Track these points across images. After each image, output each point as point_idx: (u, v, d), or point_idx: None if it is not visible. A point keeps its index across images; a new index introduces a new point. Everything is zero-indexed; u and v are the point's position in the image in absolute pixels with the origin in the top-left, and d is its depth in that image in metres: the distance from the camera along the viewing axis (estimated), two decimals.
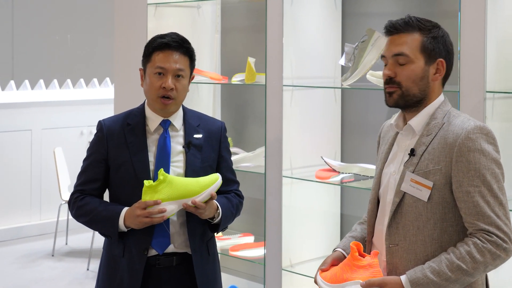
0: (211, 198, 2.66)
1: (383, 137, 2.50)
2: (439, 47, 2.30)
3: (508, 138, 3.10)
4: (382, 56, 2.36)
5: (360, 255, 2.28)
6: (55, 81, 7.52)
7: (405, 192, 2.27)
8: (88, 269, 5.83)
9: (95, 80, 7.87)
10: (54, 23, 9.16)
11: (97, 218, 2.71)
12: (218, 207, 2.72)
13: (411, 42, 2.28)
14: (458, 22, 3.00)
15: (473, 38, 2.97)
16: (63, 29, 9.25)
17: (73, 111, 7.18)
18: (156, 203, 2.59)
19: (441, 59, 2.30)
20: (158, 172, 2.61)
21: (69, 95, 7.39)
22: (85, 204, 2.74)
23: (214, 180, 2.67)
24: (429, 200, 2.22)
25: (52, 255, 6.26)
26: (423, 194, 2.23)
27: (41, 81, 7.42)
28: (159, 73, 2.71)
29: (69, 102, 7.21)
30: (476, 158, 2.18)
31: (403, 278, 2.18)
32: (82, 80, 7.76)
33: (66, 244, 6.58)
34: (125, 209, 2.67)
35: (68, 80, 7.64)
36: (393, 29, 2.31)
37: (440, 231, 2.23)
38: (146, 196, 2.60)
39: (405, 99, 2.30)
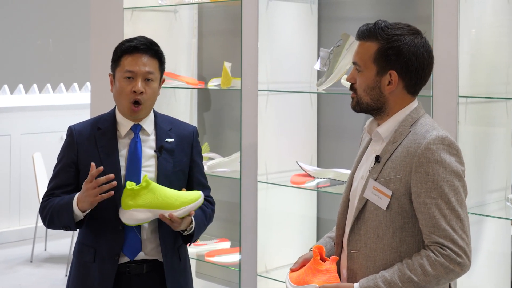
0: (189, 215, 2.63)
1: (363, 140, 2.48)
2: (391, 58, 2.22)
3: (480, 143, 3.10)
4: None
5: (322, 259, 2.29)
6: (35, 85, 7.48)
7: (367, 199, 2.25)
8: (66, 275, 5.78)
9: (76, 85, 7.84)
10: (36, 28, 9.11)
11: (55, 210, 2.66)
12: (192, 220, 2.69)
13: (366, 51, 2.25)
14: (431, 27, 3.00)
15: (446, 43, 2.97)
16: (45, 34, 9.20)
17: (53, 116, 7.13)
18: (109, 178, 2.55)
19: (393, 71, 2.23)
20: (143, 177, 2.59)
21: (48, 100, 7.35)
22: (47, 203, 2.71)
23: (196, 198, 2.64)
24: (388, 209, 2.20)
25: (31, 261, 6.21)
26: (383, 203, 2.21)
27: (21, 85, 7.37)
28: (129, 77, 2.68)
29: (48, 107, 7.17)
30: (434, 170, 2.14)
31: (356, 285, 2.17)
32: (62, 85, 7.72)
33: (45, 250, 6.53)
34: (78, 193, 2.63)
35: (48, 85, 7.60)
36: (357, 36, 2.31)
37: (399, 241, 2.21)
38: (126, 199, 2.58)
39: (360, 106, 2.30)
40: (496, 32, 3.13)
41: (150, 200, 2.58)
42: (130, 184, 2.58)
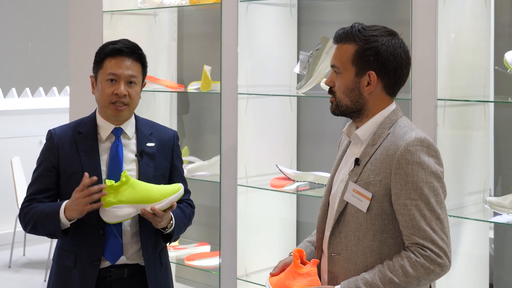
0: (171, 207, 2.62)
1: (342, 143, 2.49)
2: (369, 59, 2.24)
3: (459, 145, 3.12)
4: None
5: (302, 262, 2.28)
6: (14, 89, 7.43)
7: (347, 202, 2.25)
8: (45, 281, 5.73)
9: (55, 88, 7.79)
10: (15, 32, 9.05)
11: (40, 217, 2.64)
12: (172, 217, 2.69)
13: (344, 53, 2.27)
14: (410, 31, 3.02)
15: (424, 46, 2.99)
16: (24, 37, 9.15)
17: (32, 120, 7.08)
18: (92, 180, 2.54)
19: (371, 71, 2.25)
20: (122, 173, 2.57)
21: (27, 104, 7.30)
22: (29, 209, 2.68)
23: (176, 189, 2.64)
24: (368, 211, 2.21)
25: (9, 267, 6.15)
26: (363, 205, 2.21)
27: None
28: (111, 80, 2.67)
29: (27, 111, 7.12)
30: (414, 171, 2.15)
31: (337, 287, 2.17)
32: (41, 88, 7.67)
33: (24, 255, 6.47)
34: (66, 201, 2.61)
35: (27, 89, 7.54)
36: (334, 40, 2.32)
37: (380, 243, 2.21)
38: (107, 196, 2.56)
39: (339, 109, 2.30)
40: (474, 36, 3.15)
41: (130, 195, 2.57)
42: (109, 182, 2.56)
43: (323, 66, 3.47)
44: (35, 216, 2.65)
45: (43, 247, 6.31)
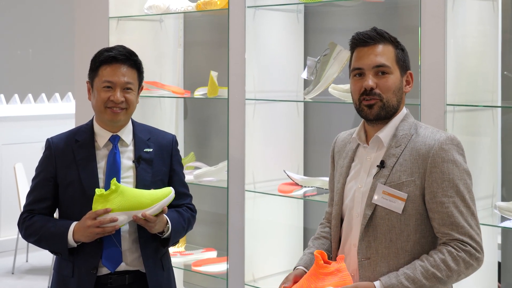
0: (162, 212, 2.62)
1: (338, 151, 2.47)
2: (407, 59, 2.33)
3: (468, 150, 3.11)
4: (357, 68, 2.30)
5: (326, 262, 2.24)
6: (16, 95, 7.42)
7: (376, 205, 2.25)
8: (49, 287, 5.73)
9: (57, 94, 7.79)
10: (16, 38, 9.05)
11: (46, 235, 2.65)
12: (168, 221, 2.68)
13: (388, 53, 2.29)
14: (418, 37, 3.03)
15: (433, 52, 3.00)
16: (25, 44, 9.15)
17: (34, 126, 7.07)
18: (106, 211, 2.54)
19: (410, 71, 2.34)
20: (111, 181, 2.57)
21: (30, 110, 7.29)
22: (33, 223, 2.68)
23: (167, 193, 2.63)
24: (403, 212, 2.22)
25: (12, 273, 6.14)
26: (397, 206, 2.22)
27: (1, 96, 7.31)
28: (107, 87, 2.67)
29: (30, 117, 7.11)
30: (449, 169, 2.20)
31: (377, 284, 2.17)
32: (43, 94, 7.67)
33: (27, 261, 6.45)
34: (74, 223, 2.62)
35: (30, 95, 7.54)
36: (369, 40, 2.29)
37: (413, 243, 2.23)
38: (97, 205, 2.56)
39: (386, 110, 2.28)
40: (482, 41, 3.16)
41: (121, 202, 2.56)
42: (99, 191, 2.56)
43: (331, 72, 3.48)
44: (40, 232, 2.66)
45: (46, 254, 6.22)
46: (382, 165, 2.27)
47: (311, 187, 3.60)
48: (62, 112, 7.33)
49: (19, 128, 6.97)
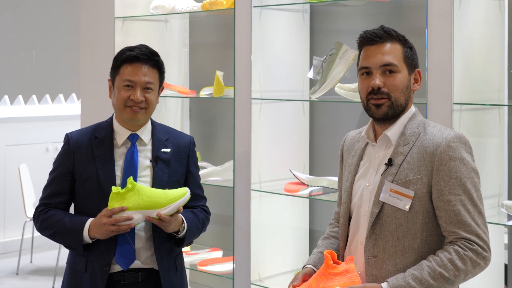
0: (178, 212, 2.63)
1: (347, 150, 2.48)
2: (415, 57, 2.33)
3: (474, 148, 3.11)
4: (364, 67, 2.30)
5: (335, 262, 2.24)
6: (20, 97, 7.43)
7: (384, 203, 2.25)
8: None
9: (61, 96, 7.80)
10: (19, 40, 9.07)
11: (61, 230, 2.67)
12: (183, 221, 2.69)
13: (396, 51, 2.29)
14: (425, 37, 3.03)
15: (440, 51, 3.00)
16: (28, 45, 9.16)
17: (39, 127, 7.09)
18: (122, 209, 2.55)
19: (418, 69, 2.34)
20: (127, 180, 2.58)
21: (34, 111, 7.30)
22: (49, 216, 2.70)
23: (183, 194, 2.65)
24: (410, 210, 2.22)
25: (17, 274, 6.14)
26: (404, 204, 2.22)
27: (6, 97, 7.32)
28: (128, 86, 2.68)
29: (34, 118, 7.12)
30: (457, 167, 2.19)
31: (384, 285, 2.16)
32: (47, 96, 7.68)
33: (31, 262, 6.46)
34: (90, 219, 2.63)
35: (34, 96, 7.55)
36: (376, 38, 2.29)
37: (420, 241, 2.23)
38: (113, 203, 2.57)
39: (394, 109, 2.28)
40: (488, 40, 3.17)
41: (137, 201, 2.57)
42: (115, 188, 2.57)
43: (337, 71, 3.48)
44: (55, 226, 2.68)
45: (51, 254, 6.30)
46: (390, 163, 2.27)
47: (317, 186, 3.60)
48: (66, 113, 7.34)
49: (24, 129, 6.98)
